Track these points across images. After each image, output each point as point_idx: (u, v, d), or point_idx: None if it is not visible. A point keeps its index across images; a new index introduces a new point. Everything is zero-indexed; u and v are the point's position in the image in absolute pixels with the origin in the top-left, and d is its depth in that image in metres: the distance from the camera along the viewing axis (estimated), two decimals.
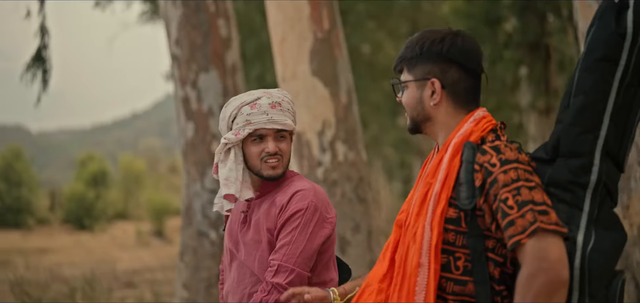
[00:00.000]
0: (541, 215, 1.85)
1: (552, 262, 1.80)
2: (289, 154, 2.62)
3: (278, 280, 2.45)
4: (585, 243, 1.88)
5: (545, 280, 1.80)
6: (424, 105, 2.13)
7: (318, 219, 2.52)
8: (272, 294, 2.45)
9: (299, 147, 4.74)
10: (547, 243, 1.82)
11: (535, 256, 1.82)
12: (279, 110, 2.58)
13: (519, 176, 1.90)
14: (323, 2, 4.57)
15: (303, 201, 2.52)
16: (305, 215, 2.51)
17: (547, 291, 1.80)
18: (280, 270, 2.46)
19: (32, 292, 12.36)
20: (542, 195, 1.89)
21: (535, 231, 1.83)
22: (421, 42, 2.13)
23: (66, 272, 16.46)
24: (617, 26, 1.93)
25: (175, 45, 6.66)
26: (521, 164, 1.93)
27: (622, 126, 1.95)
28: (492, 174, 1.93)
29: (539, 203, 1.86)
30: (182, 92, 6.56)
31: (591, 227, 1.90)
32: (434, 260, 1.97)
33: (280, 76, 4.77)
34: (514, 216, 1.86)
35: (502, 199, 1.89)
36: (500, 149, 1.96)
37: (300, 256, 2.48)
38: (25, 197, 53.07)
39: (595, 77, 1.94)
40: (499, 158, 1.94)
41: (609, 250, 1.88)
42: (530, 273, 1.82)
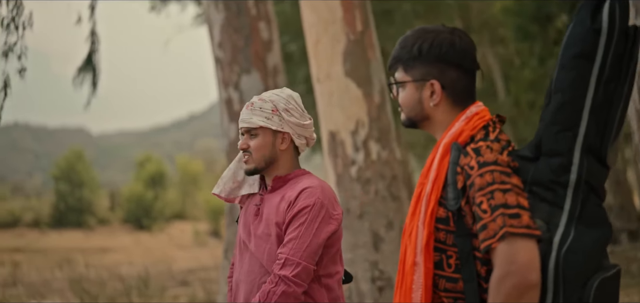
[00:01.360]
0: (511, 218, 1.84)
1: (519, 266, 1.81)
2: (260, 151, 2.72)
3: (285, 273, 2.57)
4: (562, 243, 1.87)
5: (514, 283, 1.81)
6: (423, 105, 2.12)
7: (324, 215, 2.63)
8: (279, 286, 2.57)
9: (333, 146, 4.83)
10: (516, 247, 1.82)
11: (504, 259, 1.82)
12: (249, 109, 2.74)
13: (495, 179, 1.89)
14: (356, 5, 4.64)
15: (310, 198, 2.63)
16: (312, 211, 2.62)
17: (516, 294, 1.81)
18: (287, 263, 2.58)
19: (90, 290, 12.75)
20: (517, 197, 1.88)
21: (504, 236, 1.83)
22: (419, 44, 2.10)
23: (124, 271, 16.88)
24: (593, 22, 1.91)
25: (218, 48, 6.81)
26: (499, 166, 1.92)
27: (603, 123, 1.93)
28: (471, 177, 1.94)
29: (511, 206, 1.86)
30: (225, 94, 6.71)
31: (571, 225, 1.89)
32: (427, 258, 2.00)
33: (314, 76, 4.86)
34: (487, 220, 1.87)
35: (477, 203, 1.90)
36: (481, 151, 1.95)
37: (307, 250, 2.59)
38: (87, 198, 54.39)
39: (573, 75, 1.92)
40: (477, 161, 1.94)
41: (588, 248, 1.87)
42: (500, 276, 1.83)
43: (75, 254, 27.48)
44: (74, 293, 12.84)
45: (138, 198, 53.77)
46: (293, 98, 2.77)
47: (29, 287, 15.50)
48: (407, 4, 12.30)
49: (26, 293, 14.21)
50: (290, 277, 2.56)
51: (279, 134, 2.73)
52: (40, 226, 50.06)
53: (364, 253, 4.81)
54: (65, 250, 31.88)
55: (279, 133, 2.73)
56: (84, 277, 15.34)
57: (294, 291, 2.57)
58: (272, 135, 2.72)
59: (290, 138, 2.75)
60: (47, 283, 16.08)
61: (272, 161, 2.74)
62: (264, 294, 2.59)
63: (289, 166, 2.78)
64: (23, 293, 14.18)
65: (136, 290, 12.55)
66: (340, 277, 2.76)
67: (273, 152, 2.73)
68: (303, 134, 2.78)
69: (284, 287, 2.56)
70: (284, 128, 2.72)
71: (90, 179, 56.33)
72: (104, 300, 11.74)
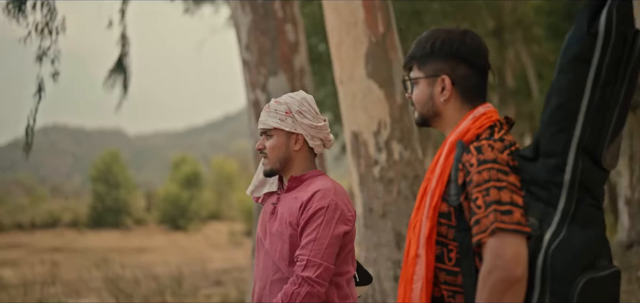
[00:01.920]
0: (503, 214, 1.90)
1: (506, 260, 1.87)
2: (275, 151, 2.82)
3: (308, 274, 2.64)
4: (551, 241, 1.92)
5: (499, 277, 1.87)
6: (434, 101, 2.20)
7: (340, 216, 2.70)
8: (303, 287, 2.64)
9: (356, 147, 4.89)
10: (505, 242, 1.88)
11: (492, 254, 1.88)
12: (266, 112, 2.85)
13: (491, 176, 1.95)
14: (378, 7, 4.68)
15: (325, 200, 2.70)
16: (328, 212, 2.69)
17: (501, 287, 1.87)
18: (309, 265, 2.65)
19: (125, 289, 12.97)
20: (511, 195, 1.94)
21: (495, 231, 1.89)
22: (432, 41, 2.19)
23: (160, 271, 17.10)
24: (590, 27, 1.93)
25: (246, 50, 6.91)
26: (497, 164, 1.97)
27: (599, 125, 1.96)
28: (470, 173, 2.00)
29: (504, 203, 1.92)
30: (253, 96, 6.81)
31: (564, 225, 1.93)
32: (428, 250, 2.08)
33: (337, 78, 4.92)
34: (480, 215, 1.93)
35: (473, 198, 1.97)
36: (482, 150, 2.01)
37: (326, 251, 2.66)
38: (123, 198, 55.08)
39: (569, 78, 1.95)
40: (478, 158, 2.00)
41: (578, 248, 1.91)
42: (487, 269, 1.89)
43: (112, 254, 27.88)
44: (109, 293, 13.07)
45: (174, 198, 54.27)
46: (306, 101, 2.85)
47: (66, 285, 15.81)
48: (436, 4, 12.31)
49: (64, 292, 14.50)
50: (314, 277, 2.63)
51: (293, 136, 2.81)
52: (78, 227, 50.81)
53: (387, 253, 4.86)
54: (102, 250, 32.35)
55: (293, 134, 2.81)
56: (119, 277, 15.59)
57: (317, 291, 2.65)
58: (285, 136, 2.81)
59: (304, 139, 2.83)
60: (84, 282, 16.38)
61: (286, 161, 2.83)
62: (287, 295, 2.65)
63: (304, 167, 2.85)
64: (61, 292, 14.47)
65: (170, 289, 12.74)
66: (350, 276, 2.82)
67: (287, 153, 2.82)
68: (317, 136, 2.85)
69: (308, 288, 2.63)
70: (297, 129, 2.80)
71: (127, 180, 57.02)
72: (138, 299, 11.93)
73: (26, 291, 13.56)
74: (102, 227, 50.85)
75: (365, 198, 4.88)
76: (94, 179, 56.42)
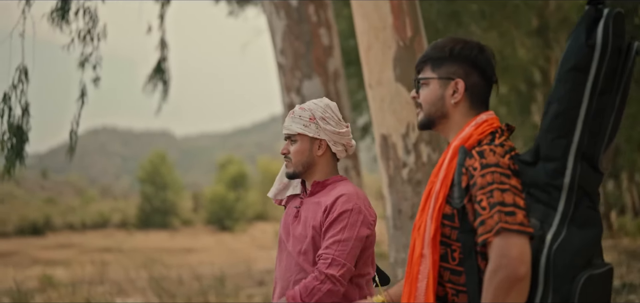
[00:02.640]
0: (507, 215, 1.99)
1: (511, 259, 1.95)
2: (298, 156, 2.91)
3: (332, 272, 2.72)
4: (553, 241, 2.00)
5: (505, 275, 1.95)
6: (444, 102, 2.28)
7: (363, 220, 2.79)
8: (325, 284, 2.72)
9: (385, 149, 4.95)
10: (510, 242, 1.96)
11: (498, 253, 1.97)
12: (291, 117, 2.94)
13: (494, 179, 2.04)
14: (406, 12, 4.73)
15: (349, 203, 2.79)
16: (352, 215, 2.77)
17: (506, 285, 1.95)
18: (334, 263, 2.73)
19: (169, 289, 13.21)
20: (514, 197, 2.02)
21: (500, 231, 1.97)
22: (451, 46, 2.28)
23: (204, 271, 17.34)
24: (588, 38, 2.02)
25: (281, 54, 7.02)
26: (499, 168, 2.06)
27: (596, 131, 2.05)
28: (474, 177, 2.08)
29: (508, 204, 2.00)
30: (288, 99, 6.91)
31: (563, 225, 2.02)
32: (433, 250, 2.16)
33: (367, 82, 4.99)
34: (485, 216, 2.02)
35: (478, 200, 2.05)
36: (484, 154, 2.10)
37: (350, 252, 2.75)
38: (171, 199, 55.80)
39: (568, 87, 2.04)
40: (480, 163, 2.09)
41: (578, 247, 2.00)
42: (493, 268, 1.97)
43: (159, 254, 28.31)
44: (153, 292, 13.31)
45: (220, 199, 54.78)
46: (330, 107, 2.93)
47: (114, 285, 16.14)
48: (475, 5, 12.26)
49: (111, 292, 14.82)
50: (337, 276, 2.72)
51: (316, 141, 2.90)
52: (127, 227, 51.64)
53: None
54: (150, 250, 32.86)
55: (316, 140, 2.90)
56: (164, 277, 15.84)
57: (338, 290, 2.73)
58: (309, 142, 2.90)
59: (327, 145, 2.91)
60: (130, 282, 16.67)
61: (309, 166, 2.91)
62: (308, 289, 2.73)
63: (327, 172, 2.93)
64: (108, 291, 14.79)
65: (213, 289, 12.92)
66: (370, 277, 2.90)
67: (310, 158, 2.90)
68: (339, 142, 2.93)
69: (330, 285, 2.72)
70: (321, 135, 2.89)
71: (174, 181, 57.78)
72: (181, 299, 12.13)
73: (75, 290, 13.89)
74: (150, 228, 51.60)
75: (394, 200, 4.93)
76: (142, 181, 57.27)
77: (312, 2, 6.96)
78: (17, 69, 6.68)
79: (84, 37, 7.10)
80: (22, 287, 12.28)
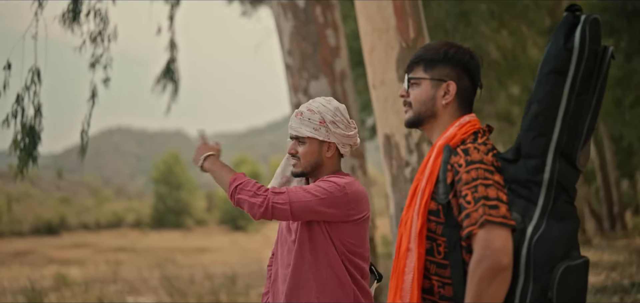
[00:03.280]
0: (491, 209, 2.09)
1: (494, 250, 2.05)
2: (307, 157, 2.93)
3: (272, 198, 2.75)
4: (533, 234, 2.10)
5: (488, 265, 2.05)
6: (435, 102, 2.37)
7: (338, 199, 2.81)
8: (259, 197, 2.75)
9: (388, 149, 5.01)
10: (493, 234, 2.07)
11: (482, 244, 2.08)
12: (299, 119, 2.95)
13: (479, 175, 2.15)
14: (409, 14, 4.79)
15: (338, 179, 2.85)
16: (332, 186, 2.82)
17: (489, 275, 2.05)
18: (281, 196, 2.76)
19: (181, 288, 13.34)
20: (497, 192, 2.13)
21: (484, 223, 2.08)
22: (445, 49, 2.39)
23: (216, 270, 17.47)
24: (566, 42, 2.14)
25: (288, 55, 7.10)
26: (483, 165, 2.17)
27: (573, 130, 2.16)
28: (459, 173, 2.19)
29: (491, 198, 2.11)
30: (295, 99, 6.99)
31: (543, 219, 2.12)
32: (419, 244, 2.26)
33: (370, 82, 5.05)
34: (470, 210, 2.12)
35: (463, 195, 2.16)
36: (469, 152, 2.21)
37: (302, 203, 2.77)
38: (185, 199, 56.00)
39: (548, 88, 2.15)
40: (465, 160, 2.19)
41: (557, 239, 2.10)
42: (477, 259, 2.08)
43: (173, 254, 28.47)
44: (165, 291, 13.45)
45: None
46: (340, 110, 2.96)
47: (126, 284, 16.29)
48: (484, 5, 12.28)
49: (124, 290, 14.96)
50: (272, 202, 2.75)
51: (325, 144, 2.93)
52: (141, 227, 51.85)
53: None
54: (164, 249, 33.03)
55: (325, 142, 2.93)
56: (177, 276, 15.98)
57: (259, 213, 2.74)
58: (318, 144, 2.93)
59: (335, 147, 2.96)
60: (143, 281, 16.83)
61: (317, 166, 2.95)
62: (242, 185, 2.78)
63: (331, 170, 2.98)
64: (120, 290, 14.94)
65: (225, 288, 13.03)
66: (367, 272, 2.96)
67: (319, 159, 2.94)
68: (348, 143, 2.99)
69: (259, 201, 2.74)
70: (331, 138, 2.92)
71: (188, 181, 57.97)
72: (193, 298, 12.25)
73: (87, 289, 14.05)
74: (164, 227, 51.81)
75: (398, 198, 5.00)
76: (155, 181, 57.52)
77: (319, 4, 7.03)
78: (30, 70, 6.78)
79: (94, 39, 7.21)
80: (37, 286, 12.43)
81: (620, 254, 14.21)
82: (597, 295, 9.19)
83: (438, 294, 2.27)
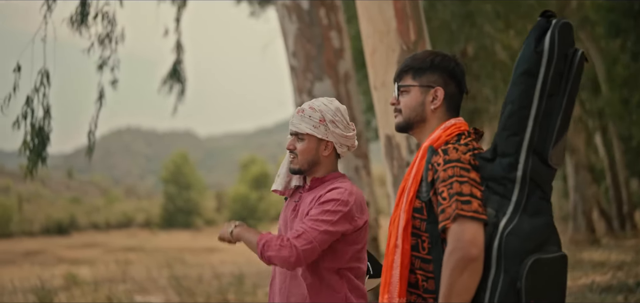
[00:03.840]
0: (463, 204, 2.23)
1: (464, 242, 2.19)
2: (305, 154, 3.00)
3: (297, 243, 2.81)
4: (505, 227, 2.23)
5: (459, 257, 2.19)
6: (424, 108, 2.51)
7: (346, 213, 2.88)
8: (285, 249, 2.81)
9: (389, 149, 5.07)
10: (464, 227, 2.21)
11: (453, 237, 2.22)
12: (300, 115, 3.02)
13: (455, 173, 2.28)
14: (410, 16, 4.87)
15: (339, 195, 2.90)
16: (337, 204, 2.88)
17: (461, 266, 2.19)
18: (303, 237, 2.82)
19: (189, 287, 13.43)
20: (471, 188, 2.26)
21: (456, 217, 2.22)
22: (432, 57, 2.53)
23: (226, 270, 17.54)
24: (537, 45, 2.27)
25: (293, 57, 7.19)
26: (459, 163, 2.30)
27: (545, 129, 2.28)
28: (438, 171, 2.32)
29: (465, 194, 2.24)
30: (300, 100, 7.08)
31: (516, 214, 2.25)
32: (405, 240, 2.40)
33: (372, 84, 5.12)
34: (445, 205, 2.26)
35: (440, 192, 2.29)
36: (448, 151, 2.34)
37: (322, 235, 2.84)
38: (194, 199, 56.13)
39: (520, 89, 2.28)
40: (444, 159, 2.32)
41: (527, 233, 2.22)
42: (449, 250, 2.22)
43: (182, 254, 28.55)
44: (173, 291, 13.55)
45: (243, 199, 54.99)
46: (340, 111, 3.03)
47: (135, 284, 16.39)
48: (489, 5, 12.33)
49: (133, 290, 15.06)
50: (300, 249, 2.81)
51: (323, 142, 3.00)
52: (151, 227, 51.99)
53: None
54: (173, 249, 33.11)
55: (323, 141, 3.00)
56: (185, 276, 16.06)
57: (292, 262, 2.81)
58: (317, 142, 3.00)
59: (333, 146, 3.02)
60: (152, 280, 16.91)
61: (314, 164, 3.02)
62: (268, 244, 2.83)
63: (328, 169, 3.05)
64: (130, 290, 15.03)
65: (233, 287, 13.12)
66: (362, 272, 3.02)
67: (316, 157, 3.01)
68: (345, 144, 3.05)
69: (288, 253, 2.81)
70: (329, 137, 2.99)
71: (197, 181, 58.09)
72: (201, 297, 12.33)
73: (97, 288, 14.15)
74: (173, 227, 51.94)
75: None
76: (165, 181, 57.65)
77: (323, 6, 7.12)
78: (39, 72, 6.89)
79: (102, 41, 7.32)
80: (47, 285, 12.53)
81: (627, 253, 14.20)
82: (602, 294, 9.21)
83: (422, 288, 2.41)
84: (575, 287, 9.90)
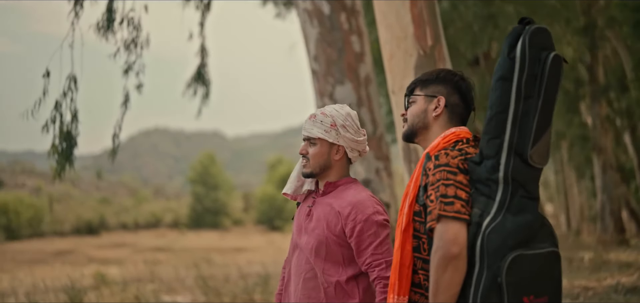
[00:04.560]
0: (446, 205, 2.36)
1: (446, 241, 2.33)
2: (316, 158, 3.09)
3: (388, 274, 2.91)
4: (488, 226, 2.35)
5: (441, 255, 2.33)
6: (427, 115, 2.67)
7: (383, 221, 3.00)
8: (384, 291, 2.89)
9: (407, 152, 5.14)
10: (446, 227, 2.35)
11: (437, 236, 2.36)
12: (312, 121, 3.12)
13: (441, 177, 2.41)
14: (426, 22, 4.93)
15: (368, 208, 3.00)
16: (379, 216, 2.99)
17: (443, 263, 2.33)
18: (388, 265, 2.93)
19: (215, 287, 13.57)
20: (456, 190, 2.39)
21: (439, 218, 2.36)
22: (438, 72, 2.72)
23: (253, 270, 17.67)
24: (510, 52, 2.41)
25: (314, 61, 7.27)
26: (447, 167, 2.43)
27: (523, 130, 2.39)
28: (428, 176, 2.47)
29: (449, 196, 2.37)
30: (321, 103, 7.15)
31: (500, 213, 2.36)
32: (405, 241, 2.55)
33: (390, 88, 5.19)
34: (432, 207, 2.40)
35: (428, 195, 2.44)
36: (439, 157, 2.47)
37: (389, 249, 2.98)
38: (222, 199, 56.49)
39: (498, 94, 2.42)
40: (434, 164, 2.46)
41: (509, 230, 2.33)
42: (434, 249, 2.36)
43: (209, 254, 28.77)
44: (200, 290, 13.70)
45: (270, 199, 55.18)
46: (350, 116, 3.13)
47: (163, 283, 16.58)
48: (511, 7, 12.33)
49: (160, 290, 15.25)
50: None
51: (335, 147, 3.09)
52: (179, 227, 52.41)
53: None
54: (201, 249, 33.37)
55: (335, 145, 3.10)
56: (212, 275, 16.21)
57: None
58: (328, 146, 3.09)
59: (344, 151, 3.11)
60: (179, 280, 17.10)
61: (326, 168, 3.11)
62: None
63: (340, 174, 3.13)
64: (158, 289, 15.22)
65: (259, 287, 13.24)
66: None
67: (328, 161, 3.10)
68: (356, 148, 3.14)
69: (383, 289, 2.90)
70: (340, 141, 3.08)
71: (225, 181, 58.39)
72: (227, 297, 12.44)
73: (125, 288, 14.37)
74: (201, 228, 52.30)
75: None
76: (192, 181, 58.06)
77: (343, 11, 7.20)
78: (67, 77, 7.07)
79: (128, 46, 7.48)
80: (77, 285, 12.75)
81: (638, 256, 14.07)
82: (627, 295, 9.17)
83: (424, 287, 2.54)
84: (600, 288, 9.87)
